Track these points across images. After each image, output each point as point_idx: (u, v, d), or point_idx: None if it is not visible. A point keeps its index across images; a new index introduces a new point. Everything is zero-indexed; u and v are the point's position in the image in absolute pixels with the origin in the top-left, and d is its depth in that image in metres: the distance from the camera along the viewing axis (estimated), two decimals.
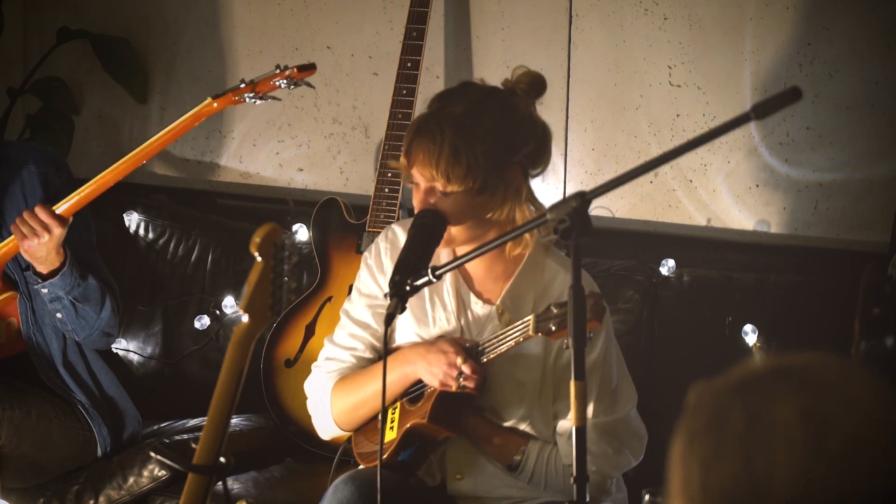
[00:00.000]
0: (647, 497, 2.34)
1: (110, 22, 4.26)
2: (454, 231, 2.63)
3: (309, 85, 3.11)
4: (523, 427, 2.70)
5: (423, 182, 2.61)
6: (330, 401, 2.78)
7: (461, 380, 2.60)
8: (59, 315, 3.28)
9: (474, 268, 2.75)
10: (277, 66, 3.05)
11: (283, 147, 4.10)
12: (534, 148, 2.64)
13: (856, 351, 2.90)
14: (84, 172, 4.33)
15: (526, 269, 2.71)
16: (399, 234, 2.79)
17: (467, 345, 2.64)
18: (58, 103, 4.24)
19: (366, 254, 2.85)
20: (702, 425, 1.20)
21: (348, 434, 2.83)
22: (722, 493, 1.17)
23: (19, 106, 4.28)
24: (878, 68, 3.45)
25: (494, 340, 2.61)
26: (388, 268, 2.76)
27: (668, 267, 3.49)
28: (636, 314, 3.41)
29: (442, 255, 2.71)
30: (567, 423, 2.64)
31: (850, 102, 3.49)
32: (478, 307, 2.74)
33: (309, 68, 3.06)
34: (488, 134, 2.58)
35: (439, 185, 2.58)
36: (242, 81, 3.05)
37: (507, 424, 2.71)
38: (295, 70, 3.04)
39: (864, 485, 1.14)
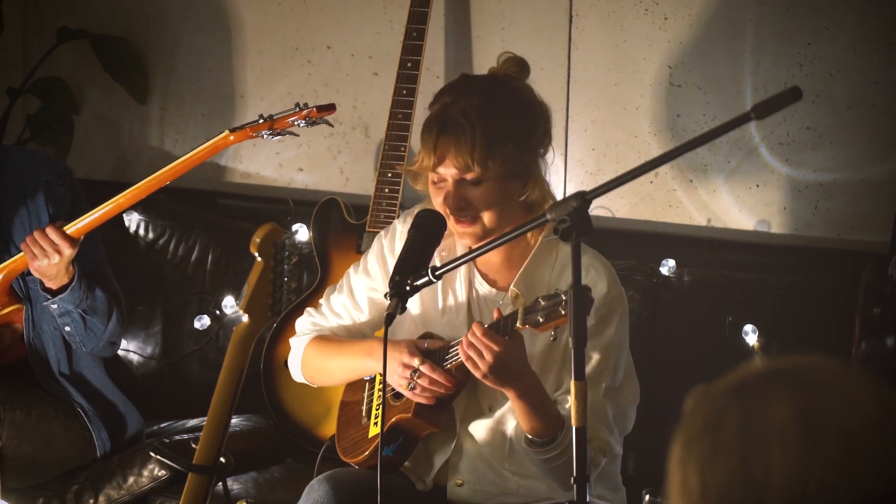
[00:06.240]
0: (647, 497, 2.33)
1: (110, 22, 4.26)
2: (486, 220, 2.63)
3: (328, 123, 3.13)
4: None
5: (454, 174, 2.60)
6: (302, 353, 2.85)
7: (415, 377, 2.60)
8: (67, 328, 3.28)
9: (491, 256, 2.73)
10: (297, 105, 3.05)
11: (283, 147, 4.10)
12: (544, 127, 2.70)
13: (856, 351, 2.90)
14: (84, 172, 4.34)
15: (539, 254, 2.71)
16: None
17: (445, 346, 2.64)
18: (58, 103, 4.23)
19: (381, 233, 2.86)
20: (698, 428, 1.20)
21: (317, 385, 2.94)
22: (719, 494, 1.17)
23: (19, 106, 4.28)
24: (879, 68, 3.45)
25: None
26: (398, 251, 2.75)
27: (668, 267, 3.49)
28: (636, 314, 3.40)
29: (458, 248, 2.72)
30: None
31: (850, 102, 3.49)
32: (488, 293, 2.73)
33: (328, 108, 3.08)
34: (509, 119, 2.62)
35: (473, 175, 2.59)
36: (261, 117, 3.05)
37: (499, 413, 2.70)
38: (314, 110, 3.05)
39: (863, 485, 1.14)
